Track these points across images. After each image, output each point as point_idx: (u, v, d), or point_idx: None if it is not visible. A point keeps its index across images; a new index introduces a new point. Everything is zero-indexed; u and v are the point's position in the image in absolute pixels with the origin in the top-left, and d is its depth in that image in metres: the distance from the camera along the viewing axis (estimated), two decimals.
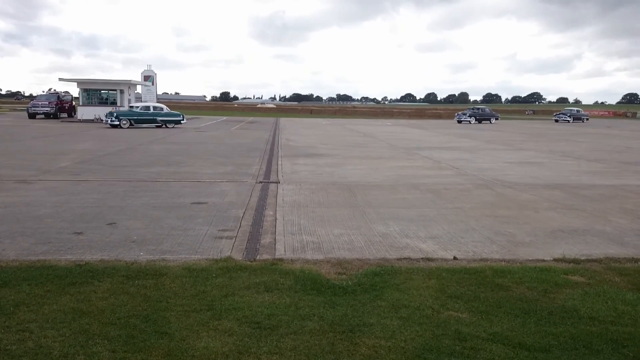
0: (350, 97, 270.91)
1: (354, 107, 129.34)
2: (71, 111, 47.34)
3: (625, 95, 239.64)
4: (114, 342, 4.26)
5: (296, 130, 36.89)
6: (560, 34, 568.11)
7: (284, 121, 53.90)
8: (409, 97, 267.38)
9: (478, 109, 57.45)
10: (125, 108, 42.92)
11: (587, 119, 64.80)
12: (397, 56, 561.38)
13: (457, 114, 56.65)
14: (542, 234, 8.16)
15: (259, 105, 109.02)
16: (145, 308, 4.95)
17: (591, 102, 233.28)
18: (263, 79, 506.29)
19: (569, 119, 61.95)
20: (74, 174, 13.54)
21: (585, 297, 5.43)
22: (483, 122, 54.09)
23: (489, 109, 59.77)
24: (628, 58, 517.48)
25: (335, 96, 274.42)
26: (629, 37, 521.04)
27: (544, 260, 6.76)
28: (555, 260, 6.78)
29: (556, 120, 62.35)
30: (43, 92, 50.06)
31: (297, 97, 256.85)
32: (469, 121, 53.19)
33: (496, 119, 55.54)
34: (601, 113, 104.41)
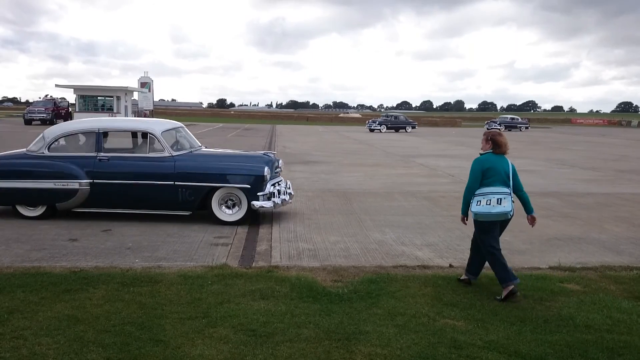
0: (347, 104, 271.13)
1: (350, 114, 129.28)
2: (67, 117, 47.24)
3: (620, 104, 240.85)
4: (109, 349, 4.24)
5: (292, 137, 36.91)
6: (560, 42, 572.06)
7: (280, 128, 53.93)
8: (405, 105, 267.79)
9: (390, 116, 53.28)
10: (122, 115, 42.94)
11: (527, 127, 61.51)
12: (394, 64, 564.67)
13: (368, 122, 52.47)
14: (538, 242, 8.16)
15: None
16: (140, 315, 4.93)
17: (586, 111, 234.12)
18: (260, 85, 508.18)
19: (498, 127, 57.50)
20: None
21: (581, 305, 5.44)
22: (400, 130, 50.26)
23: (404, 116, 55.28)
24: (625, 66, 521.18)
25: (331, 103, 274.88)
26: (627, 46, 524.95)
27: (539, 268, 6.76)
28: (550, 268, 6.79)
29: (488, 129, 60.00)
30: (39, 98, 50.00)
31: (293, 104, 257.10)
32: (380, 129, 49.46)
33: (412, 127, 51.65)
34: (595, 121, 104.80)
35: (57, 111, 45.85)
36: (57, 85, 45.62)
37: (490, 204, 5.65)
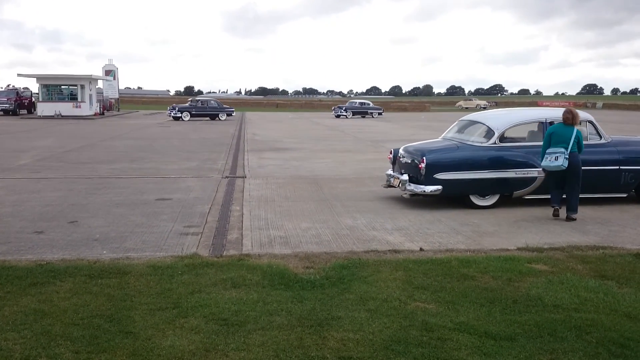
0: (316, 90, 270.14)
1: (320, 100, 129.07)
2: (31, 107, 46.22)
3: (585, 86, 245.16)
4: (77, 342, 4.16)
5: (262, 125, 36.70)
6: (533, 25, 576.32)
7: (250, 115, 53.55)
8: (374, 90, 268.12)
9: (197, 100, 44.15)
10: (87, 103, 42.17)
11: (380, 114, 54.24)
12: (364, 49, 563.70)
13: (169, 108, 43.35)
14: (506, 223, 8.28)
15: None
16: (109, 307, 4.85)
17: (552, 93, 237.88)
18: (229, 72, 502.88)
19: (345, 113, 51.44)
20: (34, 172, 13.22)
21: (548, 285, 5.53)
22: (216, 118, 41.78)
23: (216, 100, 45.46)
24: (594, 49, 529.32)
25: (301, 89, 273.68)
26: (597, 28, 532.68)
27: (507, 250, 6.86)
28: (518, 249, 6.89)
29: (337, 116, 50.75)
30: (1, 88, 48.70)
31: (262, 91, 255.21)
32: (181, 117, 40.76)
33: (229, 114, 42.72)
34: (561, 104, 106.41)
35: (20, 101, 44.79)
36: (19, 75, 44.35)
37: (548, 160, 8.17)
